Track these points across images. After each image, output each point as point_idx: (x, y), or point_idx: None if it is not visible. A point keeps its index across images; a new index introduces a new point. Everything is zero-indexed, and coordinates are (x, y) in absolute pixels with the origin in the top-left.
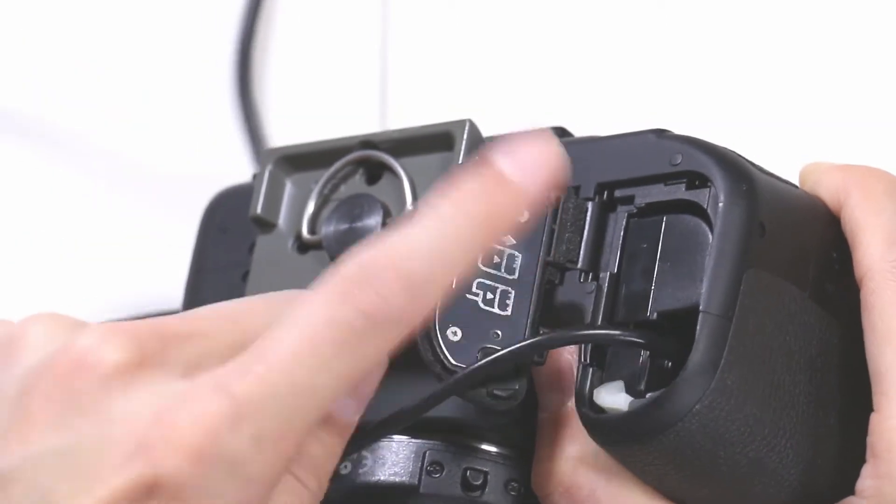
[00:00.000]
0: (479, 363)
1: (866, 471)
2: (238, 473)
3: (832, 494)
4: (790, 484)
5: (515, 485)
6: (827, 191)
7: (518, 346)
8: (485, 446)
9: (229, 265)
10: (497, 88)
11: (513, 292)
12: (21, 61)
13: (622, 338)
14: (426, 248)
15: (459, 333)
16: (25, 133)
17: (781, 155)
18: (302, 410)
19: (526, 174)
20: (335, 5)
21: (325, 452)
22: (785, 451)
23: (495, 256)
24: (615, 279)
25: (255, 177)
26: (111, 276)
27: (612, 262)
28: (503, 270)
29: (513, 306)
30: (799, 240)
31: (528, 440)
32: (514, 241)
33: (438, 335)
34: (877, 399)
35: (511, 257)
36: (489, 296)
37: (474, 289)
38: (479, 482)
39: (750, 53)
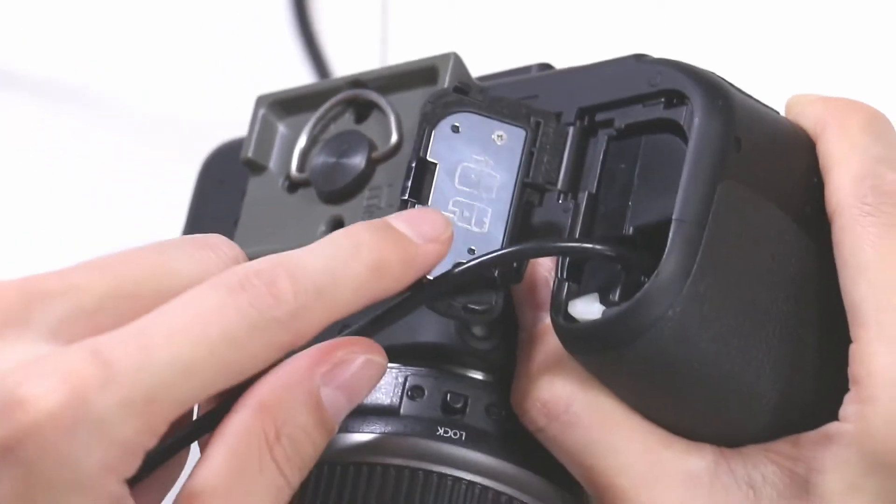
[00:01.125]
0: (449, 271)
1: (849, 397)
2: (102, 436)
3: (812, 420)
4: (767, 402)
5: (496, 409)
6: (807, 121)
7: (489, 255)
8: (467, 372)
9: (225, 216)
10: (489, 25)
11: (489, 210)
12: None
13: (595, 250)
14: (319, 266)
15: None
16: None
17: None
18: (178, 387)
19: (419, 235)
20: None
21: (314, 453)
22: (762, 367)
23: (472, 175)
24: (593, 198)
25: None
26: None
27: (592, 182)
28: (480, 189)
29: (489, 223)
30: (778, 161)
31: (509, 366)
32: (492, 162)
33: None
34: (854, 330)
35: (489, 176)
36: (465, 213)
37: (451, 206)
38: (459, 405)
39: (754, 46)
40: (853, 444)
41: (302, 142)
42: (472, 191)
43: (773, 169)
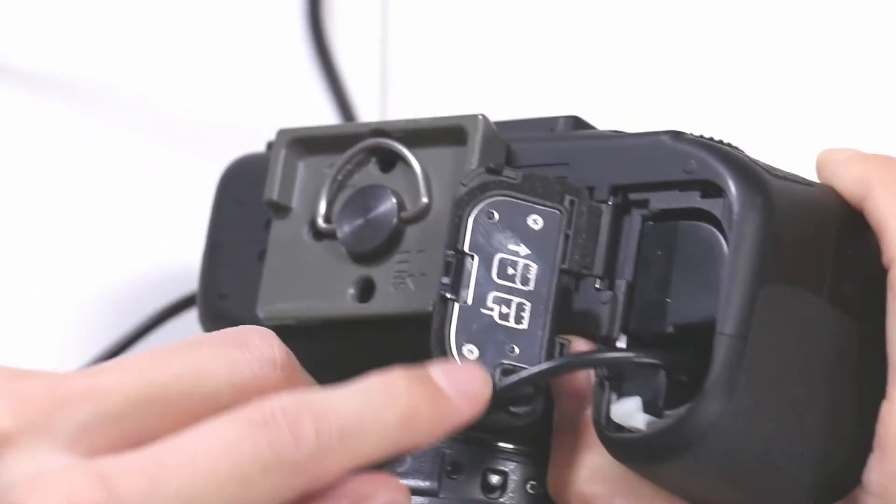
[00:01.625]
0: (494, 393)
1: (872, 461)
2: None
3: (843, 482)
4: (805, 482)
5: (535, 483)
6: (844, 182)
7: (534, 371)
8: (503, 444)
9: (245, 241)
10: (489, 24)
11: (528, 304)
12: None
13: (640, 360)
14: (349, 410)
15: (476, 351)
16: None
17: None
18: None
19: (458, 392)
20: None
21: None
22: (801, 457)
23: (510, 268)
24: (630, 287)
25: (268, 146)
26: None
27: (628, 268)
28: (518, 282)
29: (529, 319)
30: (814, 244)
31: (545, 436)
32: (529, 252)
33: (455, 354)
34: (890, 388)
35: (526, 268)
36: (504, 310)
37: (490, 303)
38: (498, 483)
39: (755, 44)
40: None
41: (326, 190)
42: (511, 284)
43: (809, 255)
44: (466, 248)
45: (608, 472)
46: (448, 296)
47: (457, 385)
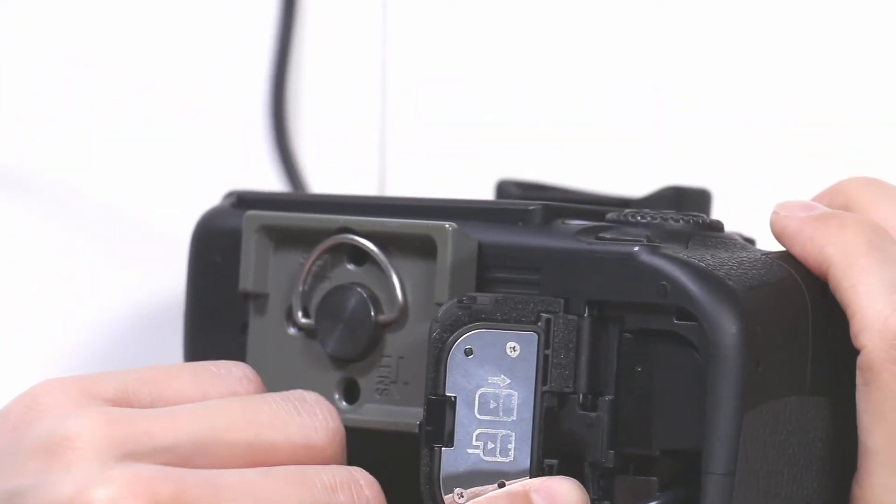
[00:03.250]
0: None
1: (857, 477)
2: None
3: None
4: None
5: None
6: (805, 253)
7: None
8: None
9: (227, 309)
10: (489, 22)
11: (513, 434)
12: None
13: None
14: None
15: (465, 495)
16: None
17: (788, 149)
18: None
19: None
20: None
21: None
22: None
23: (491, 402)
24: (614, 405)
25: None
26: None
27: (610, 384)
28: (501, 413)
29: (514, 449)
30: (794, 346)
31: None
32: (509, 380)
33: (443, 499)
34: (861, 473)
35: (508, 397)
36: (490, 445)
37: (474, 441)
38: None
39: (755, 44)
40: None
41: (301, 285)
42: (493, 418)
43: (790, 359)
44: (448, 392)
45: None
46: (431, 442)
47: (553, 499)
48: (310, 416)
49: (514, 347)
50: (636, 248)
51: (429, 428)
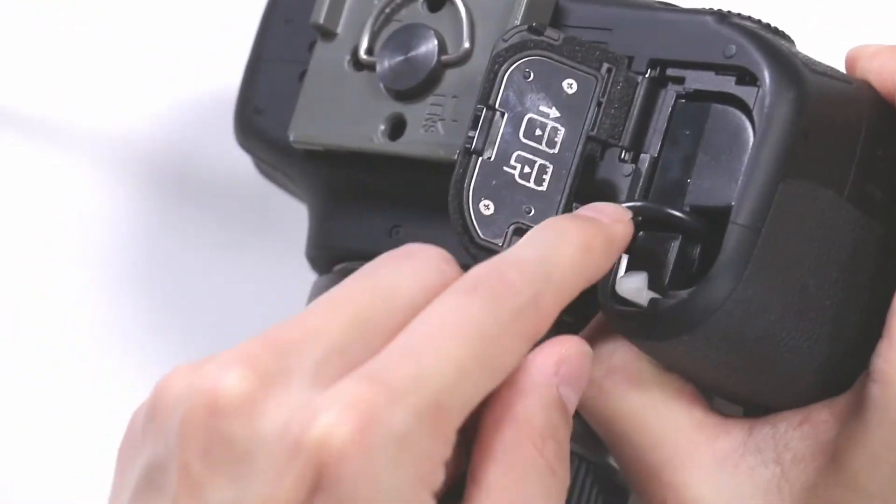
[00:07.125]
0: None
1: (881, 348)
2: (406, 451)
3: (851, 374)
4: (809, 372)
5: None
6: (877, 75)
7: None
8: None
9: (288, 60)
10: None
11: (551, 167)
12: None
13: (685, 223)
14: (535, 255)
15: (492, 207)
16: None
17: None
18: (457, 390)
19: (609, 218)
20: None
21: (568, 448)
22: (804, 348)
23: (537, 129)
24: (654, 163)
25: None
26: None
27: (655, 143)
28: (544, 144)
29: (549, 182)
30: (842, 144)
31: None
32: (559, 115)
33: (471, 207)
34: (883, 345)
35: (553, 130)
36: (526, 169)
37: (512, 161)
38: None
39: None
40: (878, 411)
41: (372, 22)
42: (536, 145)
43: (835, 154)
44: (497, 104)
45: (613, 342)
46: (472, 149)
47: (604, 216)
48: (415, 259)
49: (570, 84)
50: (708, 17)
51: (471, 133)
